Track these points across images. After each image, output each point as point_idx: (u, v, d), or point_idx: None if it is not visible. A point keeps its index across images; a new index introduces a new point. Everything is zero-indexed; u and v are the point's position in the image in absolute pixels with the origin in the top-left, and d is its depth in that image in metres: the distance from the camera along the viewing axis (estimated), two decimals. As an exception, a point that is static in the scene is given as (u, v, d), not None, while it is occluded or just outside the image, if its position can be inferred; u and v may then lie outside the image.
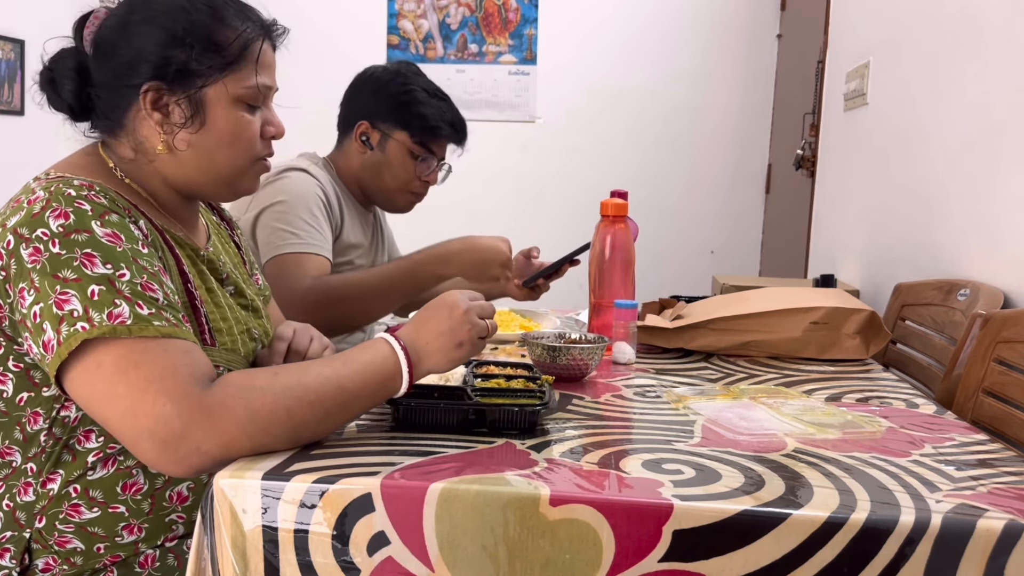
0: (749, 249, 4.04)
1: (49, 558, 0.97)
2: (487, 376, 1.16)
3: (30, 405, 0.94)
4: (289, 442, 0.89)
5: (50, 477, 0.96)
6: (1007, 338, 1.32)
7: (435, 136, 1.75)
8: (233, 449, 0.85)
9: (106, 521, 0.97)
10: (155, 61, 0.96)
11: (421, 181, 1.78)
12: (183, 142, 0.99)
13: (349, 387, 0.91)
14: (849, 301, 1.52)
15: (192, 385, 0.84)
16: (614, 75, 4.01)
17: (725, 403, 1.14)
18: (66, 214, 0.88)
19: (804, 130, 3.40)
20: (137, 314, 0.86)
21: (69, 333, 0.84)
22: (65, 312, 0.85)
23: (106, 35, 0.99)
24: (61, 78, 1.00)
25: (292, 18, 1.28)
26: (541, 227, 3.96)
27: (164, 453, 0.83)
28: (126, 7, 0.99)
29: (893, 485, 0.84)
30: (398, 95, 1.73)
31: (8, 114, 3.72)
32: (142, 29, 0.97)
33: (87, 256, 0.87)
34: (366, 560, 0.80)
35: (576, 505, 0.79)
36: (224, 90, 0.99)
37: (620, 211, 1.53)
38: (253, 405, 0.85)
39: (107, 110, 1.00)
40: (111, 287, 0.86)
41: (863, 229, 2.42)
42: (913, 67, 2.09)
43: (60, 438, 0.95)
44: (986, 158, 1.64)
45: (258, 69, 1.01)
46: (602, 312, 1.51)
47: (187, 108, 0.98)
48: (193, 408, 0.83)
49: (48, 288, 0.85)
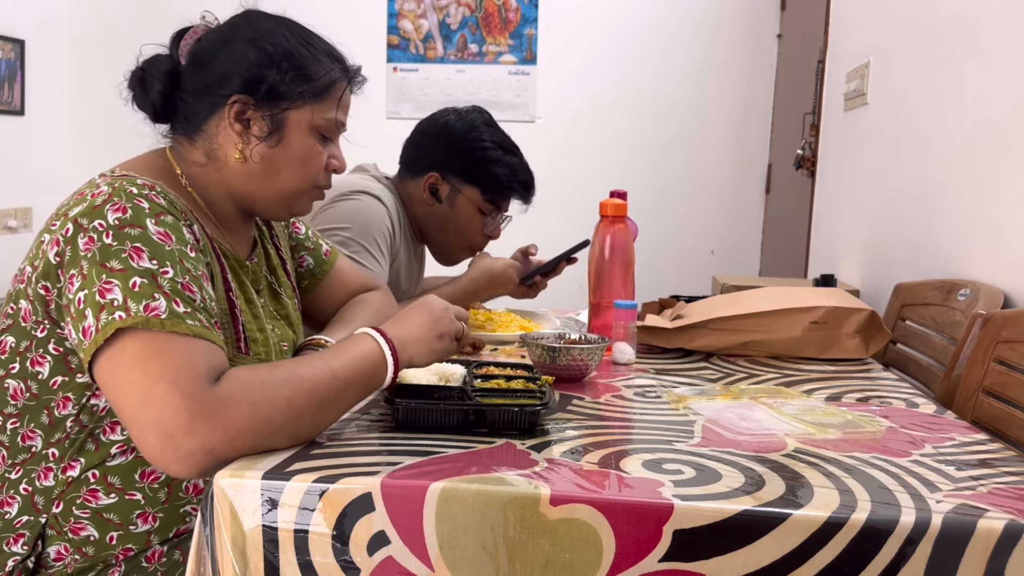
0: (749, 249, 4.04)
1: (61, 546, 0.99)
2: (487, 377, 1.16)
3: (62, 389, 0.97)
4: (290, 436, 0.89)
5: (71, 464, 0.99)
6: (1007, 338, 1.32)
7: (506, 196, 1.75)
8: (236, 444, 0.85)
9: (122, 508, 1.00)
10: (248, 77, 1.04)
11: (484, 236, 1.78)
12: (258, 155, 1.05)
13: (341, 376, 0.93)
14: (849, 300, 1.52)
15: (204, 380, 0.86)
16: (614, 75, 4.01)
17: (725, 403, 1.14)
18: (124, 209, 0.92)
19: (804, 130, 3.40)
20: (172, 310, 0.88)
21: (107, 321, 0.87)
22: (106, 301, 0.87)
23: (206, 47, 1.06)
24: (151, 78, 1.07)
25: (292, 18, 1.28)
26: (541, 227, 3.95)
27: (167, 447, 0.84)
28: (230, 26, 1.08)
29: (893, 485, 0.84)
30: (473, 151, 1.71)
31: (8, 114, 3.72)
32: (242, 47, 1.05)
33: (136, 249, 0.90)
34: (366, 560, 0.80)
35: (576, 505, 0.79)
36: (305, 116, 1.06)
37: (619, 211, 1.52)
38: (255, 397, 0.86)
39: (190, 114, 1.06)
40: (152, 281, 0.89)
41: (863, 229, 2.42)
42: (913, 67, 2.09)
43: (86, 426, 0.98)
44: (986, 158, 1.64)
45: (338, 106, 1.10)
46: (602, 312, 1.51)
47: (268, 125, 1.05)
48: (201, 402, 0.84)
49: (95, 276, 0.88)
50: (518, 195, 1.77)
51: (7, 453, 0.99)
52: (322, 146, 1.10)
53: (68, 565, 0.99)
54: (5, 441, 0.99)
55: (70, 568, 0.99)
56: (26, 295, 0.96)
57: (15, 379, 0.98)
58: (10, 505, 0.99)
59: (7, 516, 0.99)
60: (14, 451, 0.99)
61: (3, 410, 0.98)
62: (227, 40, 1.06)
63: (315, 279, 1.32)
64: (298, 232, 1.32)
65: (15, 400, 0.98)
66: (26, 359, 0.97)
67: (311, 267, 1.32)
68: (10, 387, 0.98)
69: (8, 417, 0.98)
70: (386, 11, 4.09)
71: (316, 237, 1.35)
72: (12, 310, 0.97)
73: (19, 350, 0.97)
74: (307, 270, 1.32)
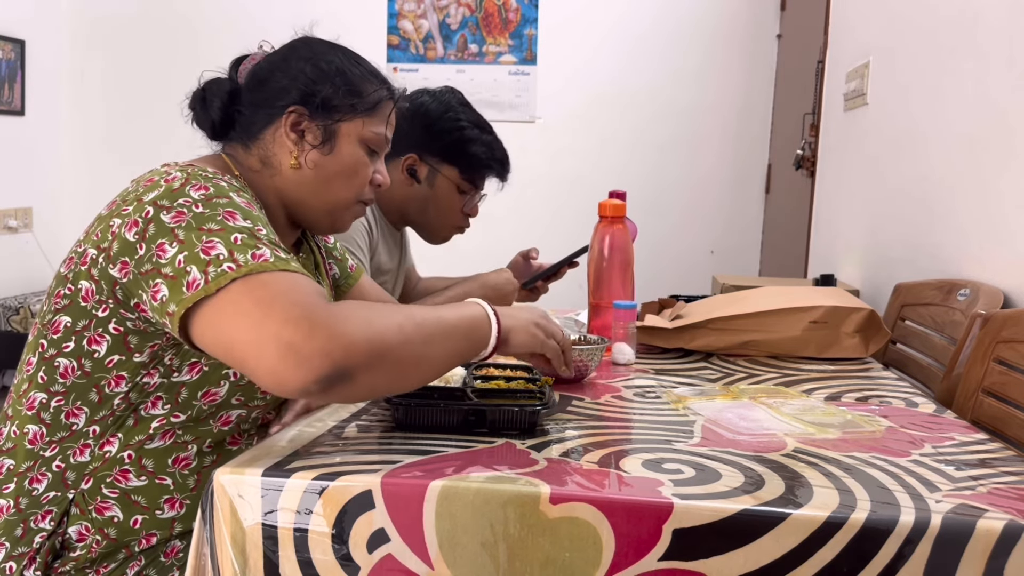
0: (749, 249, 4.04)
1: (83, 526, 1.01)
2: (487, 378, 1.16)
3: (117, 368, 0.99)
4: (399, 361, 0.88)
5: (109, 439, 1.01)
6: (1007, 338, 1.32)
7: (484, 174, 1.76)
8: (353, 353, 0.83)
9: (151, 491, 1.02)
10: (304, 90, 1.10)
11: (464, 215, 1.78)
12: (311, 162, 1.11)
13: (448, 321, 0.95)
14: (848, 300, 1.52)
15: (318, 297, 0.87)
16: (614, 75, 4.01)
17: (725, 403, 1.14)
18: (206, 187, 0.96)
19: (804, 130, 3.40)
20: (277, 256, 0.91)
21: (218, 273, 0.87)
22: (212, 256, 0.89)
23: (264, 67, 1.13)
24: (212, 96, 1.13)
25: (293, 18, 1.29)
26: (541, 227, 3.97)
27: (288, 355, 0.82)
28: (288, 48, 1.15)
29: (893, 485, 0.84)
30: (451, 131, 1.72)
31: (8, 114, 3.72)
32: (299, 64, 1.12)
33: (228, 213, 0.93)
34: (366, 557, 0.81)
35: (576, 503, 0.79)
36: (355, 128, 1.13)
37: (618, 212, 1.53)
38: (370, 316, 0.87)
39: (247, 125, 1.12)
40: (252, 236, 0.92)
41: (863, 229, 2.42)
42: (913, 67, 2.09)
43: (133, 403, 1.00)
44: (986, 157, 1.64)
45: (387, 123, 1.17)
46: (601, 313, 1.51)
47: (321, 134, 1.11)
48: (320, 311, 0.84)
49: (195, 239, 0.90)
50: (495, 173, 1.77)
51: (47, 431, 1.00)
52: (369, 159, 1.16)
53: (91, 548, 1.00)
54: (47, 419, 1.00)
55: (93, 552, 1.01)
56: (90, 276, 0.97)
57: (67, 358, 0.99)
58: (39, 481, 1.01)
59: (35, 492, 1.00)
60: (55, 428, 1.00)
61: (50, 388, 1.00)
62: (285, 59, 1.13)
63: (339, 291, 1.35)
64: (327, 241, 1.36)
65: (64, 378, 0.99)
66: (83, 338, 0.98)
67: (336, 278, 1.35)
68: (60, 365, 0.99)
69: (54, 395, 1.00)
70: (386, 11, 4.09)
71: (343, 251, 1.38)
72: (70, 291, 0.99)
73: (75, 329, 0.98)
74: (333, 280, 1.35)
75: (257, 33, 1.38)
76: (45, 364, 1.00)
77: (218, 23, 4.00)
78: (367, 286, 1.41)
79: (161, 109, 3.99)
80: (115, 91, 4.14)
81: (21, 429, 1.01)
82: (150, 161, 1.16)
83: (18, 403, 1.01)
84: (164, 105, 3.90)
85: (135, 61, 4.11)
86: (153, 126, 3.99)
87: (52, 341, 0.99)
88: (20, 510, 1.00)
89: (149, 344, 0.98)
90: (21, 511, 1.00)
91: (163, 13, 4.09)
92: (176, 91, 1.17)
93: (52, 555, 1.01)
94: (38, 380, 1.00)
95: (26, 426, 1.00)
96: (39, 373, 1.00)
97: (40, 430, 1.00)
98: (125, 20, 4.09)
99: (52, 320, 0.99)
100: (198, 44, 4.01)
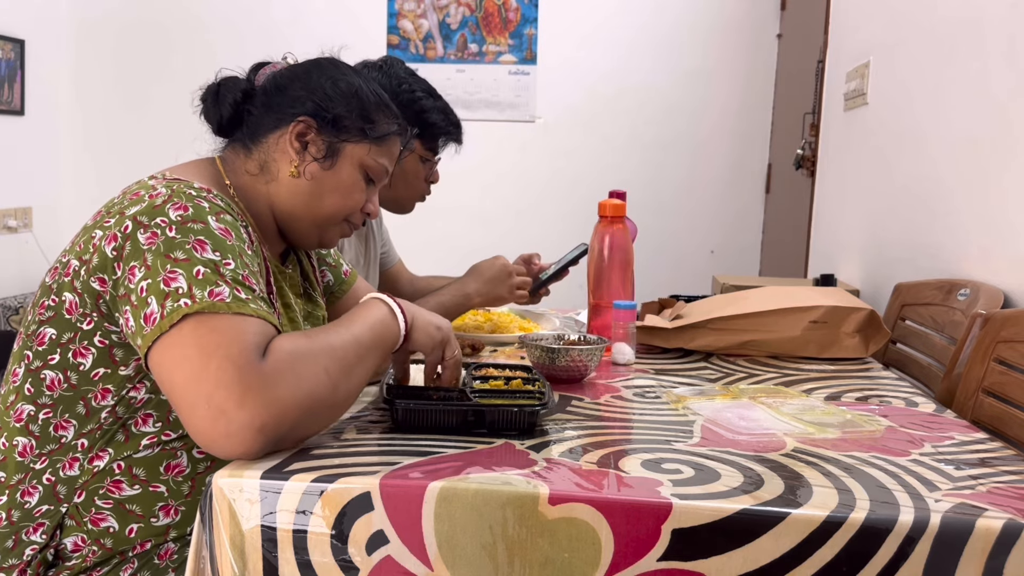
0: (749, 249, 4.04)
1: (79, 537, 1.00)
2: (486, 378, 1.16)
3: (103, 381, 0.99)
4: (329, 408, 0.91)
5: (99, 454, 1.00)
6: (1007, 338, 1.32)
7: (445, 141, 1.75)
8: (285, 420, 0.85)
9: (145, 500, 1.01)
10: (319, 103, 1.11)
11: (427, 183, 1.78)
12: (310, 173, 1.11)
13: (362, 338, 0.97)
14: (848, 300, 1.52)
15: (255, 354, 0.87)
16: (614, 75, 4.01)
17: (724, 403, 1.14)
18: (185, 207, 0.96)
19: (804, 130, 3.40)
20: (235, 296, 0.91)
21: (172, 308, 0.88)
22: (171, 289, 0.90)
23: (286, 74, 1.15)
24: (226, 92, 1.14)
25: (293, 18, 1.29)
26: (541, 227, 3.97)
27: (219, 422, 0.84)
28: (314, 63, 1.16)
29: (892, 484, 0.84)
30: (409, 104, 1.68)
31: (8, 114, 3.72)
32: (320, 79, 1.13)
33: (199, 242, 0.94)
34: (365, 559, 0.80)
35: (575, 504, 0.79)
36: (360, 152, 1.13)
37: (618, 211, 1.53)
38: (299, 370, 0.88)
39: (255, 126, 1.13)
40: (215, 271, 0.92)
41: (863, 229, 2.42)
42: (913, 67, 2.09)
43: (121, 417, 1.00)
44: (986, 157, 1.64)
45: (389, 156, 1.17)
46: (601, 313, 1.51)
47: (325, 149, 1.12)
48: (253, 376, 0.85)
49: (159, 267, 0.91)
50: (453, 138, 1.77)
51: (35, 443, 1.00)
52: (365, 186, 1.16)
53: (86, 558, 1.00)
54: (36, 431, 1.00)
55: (88, 561, 1.00)
56: (72, 288, 0.97)
57: (53, 370, 0.99)
58: (31, 495, 1.00)
59: (27, 505, 1.00)
60: (43, 441, 1.00)
61: (37, 400, 1.00)
62: (308, 71, 1.15)
63: (333, 296, 1.36)
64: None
65: (51, 391, 0.99)
66: (68, 350, 0.98)
67: (331, 284, 1.35)
68: (47, 377, 0.99)
69: (41, 408, 1.00)
70: (386, 11, 4.09)
71: (337, 256, 1.38)
72: (54, 302, 0.99)
73: (60, 341, 0.98)
74: (327, 286, 1.35)
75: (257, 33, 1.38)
76: (31, 376, 1.00)
77: (218, 23, 4.00)
78: (363, 291, 1.41)
79: (161, 109, 3.99)
80: (115, 91, 4.14)
81: (10, 441, 1.01)
82: (150, 161, 1.16)
83: (5, 415, 1.01)
84: (164, 105, 3.92)
85: (135, 61, 4.11)
86: (153, 126, 3.99)
87: (37, 353, 0.99)
88: (12, 522, 1.00)
89: (134, 357, 0.98)
90: (13, 523, 1.00)
91: (163, 13, 4.09)
92: (176, 91, 1.17)
93: (44, 566, 1.00)
94: (25, 392, 1.00)
95: (15, 438, 1.00)
96: (25, 385, 1.00)
97: (29, 442, 1.00)
98: (125, 20, 4.09)
99: (37, 331, 1.00)
100: (198, 44, 4.01)
